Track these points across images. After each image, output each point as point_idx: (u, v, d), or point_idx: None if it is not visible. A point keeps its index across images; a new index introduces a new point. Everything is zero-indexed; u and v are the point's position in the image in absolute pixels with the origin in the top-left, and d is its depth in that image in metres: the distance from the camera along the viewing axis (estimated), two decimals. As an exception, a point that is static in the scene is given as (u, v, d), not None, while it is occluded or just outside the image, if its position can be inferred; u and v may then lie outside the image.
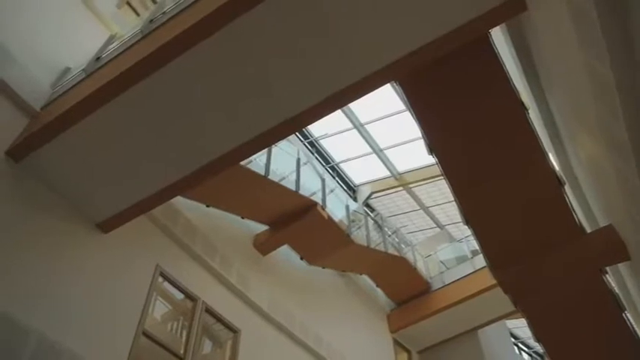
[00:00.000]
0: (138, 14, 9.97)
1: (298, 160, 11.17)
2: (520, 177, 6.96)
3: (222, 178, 7.72)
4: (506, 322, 15.53)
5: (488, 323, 13.50)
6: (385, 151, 16.02)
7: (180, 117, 6.23)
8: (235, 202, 9.74)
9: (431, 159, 7.34)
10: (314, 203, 10.42)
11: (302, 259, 11.30)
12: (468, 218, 7.55)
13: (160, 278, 7.75)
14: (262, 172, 9.50)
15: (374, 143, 15.75)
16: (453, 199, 7.75)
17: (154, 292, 7.50)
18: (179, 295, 8.13)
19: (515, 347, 17.54)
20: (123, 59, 6.01)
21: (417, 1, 5.23)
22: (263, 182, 9.51)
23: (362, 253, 11.95)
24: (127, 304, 6.93)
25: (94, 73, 6.36)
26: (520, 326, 16.90)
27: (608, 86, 3.54)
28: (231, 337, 8.64)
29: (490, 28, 5.83)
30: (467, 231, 9.98)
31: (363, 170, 16.84)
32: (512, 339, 17.30)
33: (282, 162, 10.51)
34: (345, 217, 12.06)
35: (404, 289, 13.56)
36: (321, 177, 11.96)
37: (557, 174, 6.91)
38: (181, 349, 7.48)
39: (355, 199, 16.41)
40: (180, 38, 5.43)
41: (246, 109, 6.11)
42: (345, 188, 16.41)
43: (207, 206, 9.34)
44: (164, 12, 6.07)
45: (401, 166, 16.44)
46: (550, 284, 7.72)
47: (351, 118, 15.04)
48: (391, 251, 13.09)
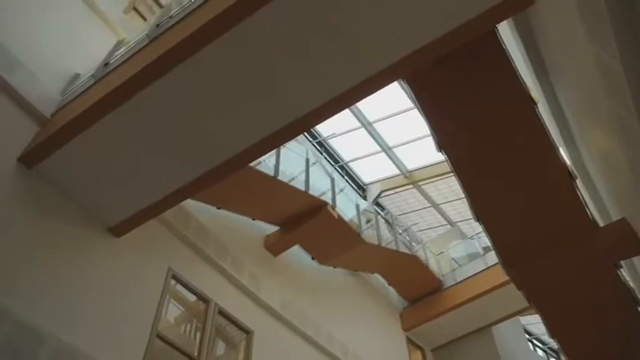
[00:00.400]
0: (145, 19, 10.02)
1: (307, 160, 11.17)
2: (531, 172, 6.93)
3: (232, 180, 7.74)
4: (520, 318, 15.43)
5: (502, 320, 13.40)
6: (394, 149, 16.00)
7: (188, 120, 6.25)
8: (246, 203, 9.76)
9: (440, 156, 7.33)
10: (324, 203, 10.42)
11: (313, 259, 11.30)
12: (478, 215, 7.52)
13: (173, 281, 7.79)
14: (272, 173, 9.51)
15: (382, 141, 15.73)
16: (463, 196, 7.73)
17: (167, 294, 7.54)
18: (192, 297, 8.17)
19: (530, 344, 17.42)
20: (131, 64, 6.04)
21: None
22: (273, 183, 9.53)
23: (373, 252, 11.92)
24: (141, 307, 6.98)
25: (102, 79, 6.41)
26: (534, 322, 16.79)
27: (619, 79, 3.52)
28: (244, 338, 8.67)
29: (497, 23, 5.80)
30: (478, 227, 9.91)
31: (373, 169, 16.83)
32: (527, 335, 17.18)
33: (291, 162, 10.51)
34: (355, 217, 12.05)
35: (416, 287, 13.50)
36: (330, 176, 11.94)
37: (568, 168, 6.86)
38: (195, 351, 7.52)
39: (365, 198, 16.38)
40: (187, 41, 5.45)
41: (254, 111, 6.11)
42: (354, 187, 16.39)
43: (218, 208, 9.37)
44: (171, 16, 6.10)
45: (410, 164, 16.42)
46: (564, 279, 7.67)
47: (359, 117, 15.03)
48: (402, 249, 13.04)
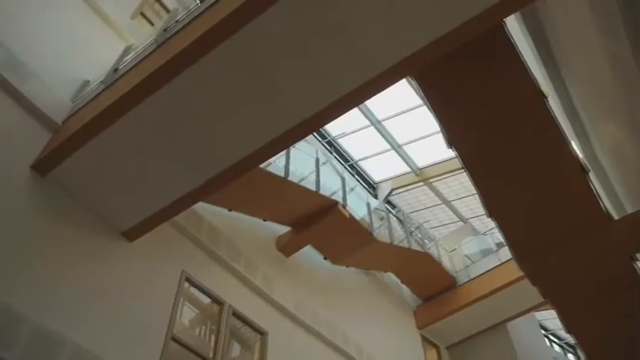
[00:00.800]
0: (152, 24, 10.09)
1: (317, 160, 11.18)
2: (543, 166, 6.87)
3: (243, 182, 7.76)
4: (536, 314, 15.31)
5: (517, 316, 13.30)
6: (404, 146, 15.97)
7: (197, 123, 6.27)
8: (257, 204, 9.79)
9: (450, 152, 7.28)
10: (335, 202, 10.41)
11: (325, 258, 11.30)
12: (491, 210, 7.47)
13: (187, 283, 7.83)
14: (282, 174, 9.54)
15: (392, 139, 15.70)
16: (474, 192, 7.69)
17: (181, 297, 7.59)
18: (206, 299, 8.21)
19: (546, 339, 17.29)
20: (140, 69, 6.08)
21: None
22: (283, 184, 9.55)
23: (385, 250, 11.89)
24: (156, 310, 7.03)
25: (112, 85, 6.46)
26: (550, 318, 16.66)
27: (630, 71, 3.48)
28: (258, 339, 8.70)
29: (505, 17, 5.74)
30: (490, 223, 9.84)
31: (383, 167, 16.81)
32: (543, 331, 17.04)
33: (301, 163, 10.52)
34: (366, 215, 12.03)
35: (429, 284, 13.44)
36: (340, 176, 11.93)
37: (581, 162, 6.80)
38: (210, 353, 7.56)
39: (376, 197, 16.35)
40: (194, 45, 5.47)
41: (263, 112, 6.12)
42: (365, 186, 16.38)
43: (230, 210, 9.41)
44: (177, 20, 6.14)
45: (420, 161, 16.38)
46: (579, 273, 7.60)
47: (368, 115, 15.02)
48: (415, 247, 13.00)
